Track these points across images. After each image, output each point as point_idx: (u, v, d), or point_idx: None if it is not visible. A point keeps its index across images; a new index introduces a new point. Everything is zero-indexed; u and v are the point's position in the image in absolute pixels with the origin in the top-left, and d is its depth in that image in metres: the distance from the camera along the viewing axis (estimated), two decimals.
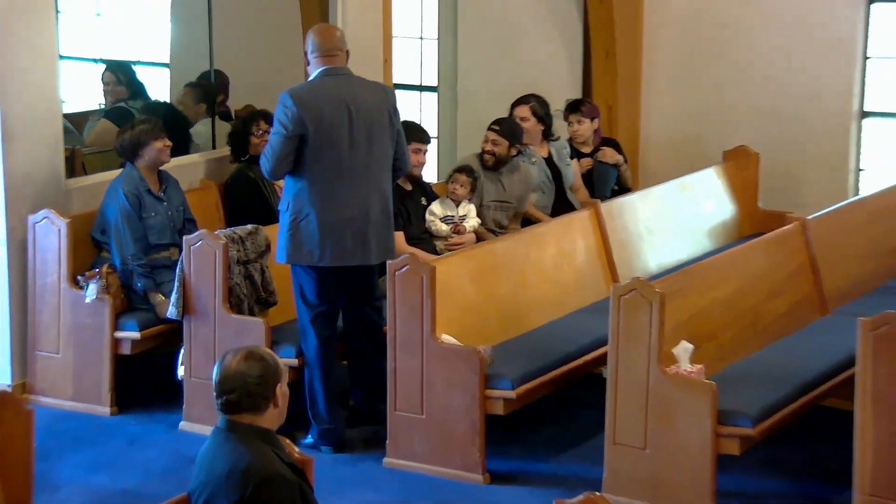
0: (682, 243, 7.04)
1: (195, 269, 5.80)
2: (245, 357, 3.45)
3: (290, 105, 5.39)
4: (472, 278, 5.80)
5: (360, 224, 5.50)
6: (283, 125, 5.41)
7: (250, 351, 3.48)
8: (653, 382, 5.00)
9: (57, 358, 6.14)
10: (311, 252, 5.47)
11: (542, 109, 7.05)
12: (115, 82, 7.46)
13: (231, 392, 3.42)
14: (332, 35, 5.53)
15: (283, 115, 5.41)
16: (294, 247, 5.49)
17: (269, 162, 5.46)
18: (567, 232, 6.41)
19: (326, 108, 5.43)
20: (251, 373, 3.43)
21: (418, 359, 5.41)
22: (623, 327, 5.03)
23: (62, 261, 6.04)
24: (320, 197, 5.45)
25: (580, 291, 6.30)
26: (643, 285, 5.03)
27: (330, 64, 5.48)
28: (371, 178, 5.54)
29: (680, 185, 7.26)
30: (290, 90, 5.46)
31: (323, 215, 5.45)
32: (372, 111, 5.52)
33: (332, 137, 5.44)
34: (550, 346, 5.71)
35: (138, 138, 6.09)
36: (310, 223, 5.45)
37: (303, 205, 5.46)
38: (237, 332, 5.72)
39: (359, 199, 5.50)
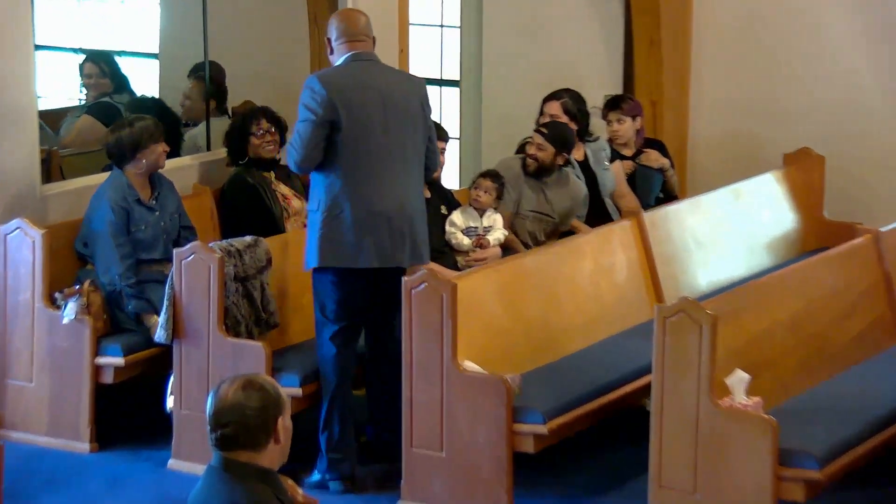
0: (737, 258, 7.02)
1: (187, 287, 5.82)
2: (243, 386, 3.45)
3: (319, 88, 5.49)
4: (498, 297, 5.80)
5: (399, 220, 5.59)
6: (311, 111, 5.50)
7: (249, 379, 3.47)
8: (703, 417, 4.98)
9: (30, 387, 6.16)
10: (347, 251, 5.53)
11: (575, 106, 7.05)
12: (99, 74, 7.51)
13: (227, 426, 3.42)
14: (358, 20, 5.68)
15: (312, 99, 5.50)
16: (328, 247, 5.53)
17: (297, 152, 5.52)
18: (606, 245, 6.40)
19: (358, 92, 5.55)
20: (249, 404, 3.43)
21: (437, 388, 5.42)
22: (669, 353, 5.02)
23: (37, 276, 6.06)
24: (356, 188, 5.52)
25: (620, 312, 6.29)
26: (692, 306, 5.02)
27: (357, 49, 5.61)
28: (407, 171, 5.65)
29: (734, 192, 7.25)
30: (317, 74, 5.62)
31: (360, 209, 5.52)
32: (406, 100, 5.66)
33: (367, 123, 5.54)
34: (587, 374, 5.71)
35: (139, 138, 6.09)
36: (345, 219, 5.51)
37: (336, 198, 5.52)
38: (234, 357, 5.74)
39: (396, 192, 5.60)
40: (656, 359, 5.06)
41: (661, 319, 5.04)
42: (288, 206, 6.69)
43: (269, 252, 6.01)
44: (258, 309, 5.95)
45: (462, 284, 5.49)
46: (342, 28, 5.64)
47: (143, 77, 8.08)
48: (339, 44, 5.64)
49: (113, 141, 6.14)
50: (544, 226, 6.77)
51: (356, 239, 5.52)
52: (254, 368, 5.64)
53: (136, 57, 8.22)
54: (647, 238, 6.56)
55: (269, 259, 6.01)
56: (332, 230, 5.53)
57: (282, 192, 6.70)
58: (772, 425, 4.92)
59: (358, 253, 5.54)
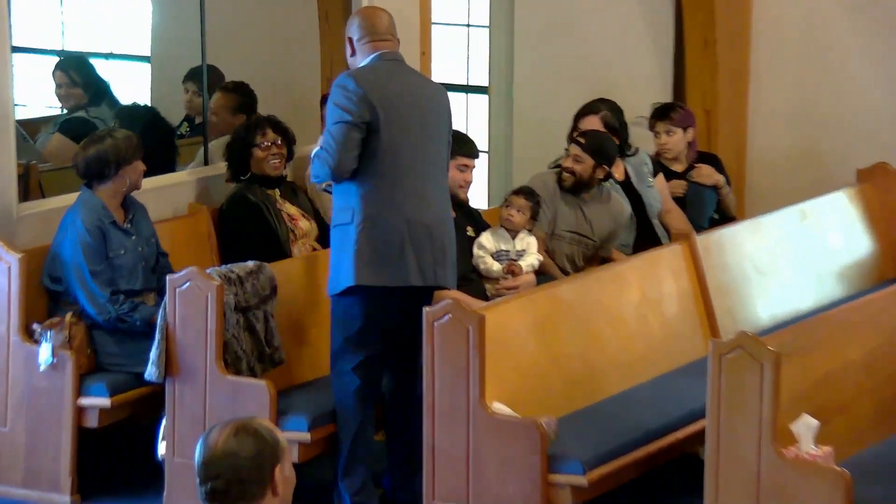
0: (804, 288, 7.01)
1: (181, 318, 5.84)
2: (234, 432, 3.43)
3: (354, 87, 5.58)
4: (531, 330, 5.81)
5: (440, 234, 5.70)
6: (346, 110, 5.57)
7: (241, 424, 3.46)
8: (765, 468, 4.97)
9: (3, 432, 6.17)
10: (389, 267, 5.59)
11: (615, 119, 7.08)
12: (69, 84, 7.51)
13: (217, 478, 3.40)
14: (383, 18, 5.81)
15: (345, 98, 5.58)
16: (366, 263, 5.58)
17: (332, 157, 5.58)
18: (653, 272, 6.40)
19: (395, 91, 5.67)
20: (242, 453, 3.41)
21: (463, 433, 5.42)
22: (726, 395, 5.01)
23: (12, 306, 6.07)
24: (397, 196, 5.61)
25: (670, 349, 6.29)
26: (752, 342, 5.01)
27: (383, 49, 5.73)
28: (442, 182, 5.80)
29: (800, 213, 7.24)
30: (349, 72, 5.71)
31: (402, 219, 5.60)
32: (438, 106, 5.81)
33: (405, 126, 5.65)
34: (632, 418, 5.70)
35: (122, 154, 6.10)
36: (387, 230, 5.59)
37: (376, 208, 5.59)
38: (234, 397, 5.75)
39: (435, 203, 5.72)
40: (711, 401, 5.04)
41: (717, 357, 5.02)
42: (295, 228, 6.72)
43: (273, 279, 6.03)
44: (261, 343, 5.97)
45: (491, 316, 5.49)
46: (366, 26, 5.75)
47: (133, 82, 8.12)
48: (362, 43, 5.74)
49: (93, 155, 6.10)
50: (583, 249, 6.77)
51: (399, 253, 5.60)
52: (256, 409, 5.65)
53: (125, 60, 8.28)
54: (700, 264, 6.55)
55: (274, 287, 6.03)
56: (372, 244, 5.58)
57: (288, 212, 6.72)
58: (844, 479, 4.89)
59: (401, 269, 5.61)
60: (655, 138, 7.46)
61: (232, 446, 3.41)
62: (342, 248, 5.64)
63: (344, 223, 5.65)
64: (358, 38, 5.76)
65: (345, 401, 5.73)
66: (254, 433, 3.43)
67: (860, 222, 7.50)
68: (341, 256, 5.64)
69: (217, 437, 3.42)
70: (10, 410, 6.15)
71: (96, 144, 6.13)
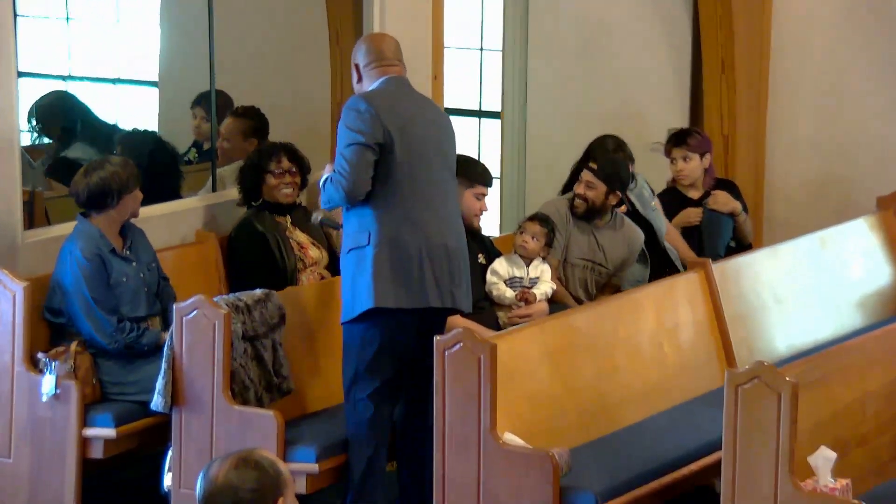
0: (823, 317, 6.99)
1: (188, 347, 5.83)
2: (235, 465, 3.43)
3: (366, 107, 5.63)
4: (544, 359, 5.79)
5: (457, 255, 5.74)
6: (358, 132, 5.61)
7: (243, 457, 3.46)
8: (782, 501, 4.93)
9: (7, 463, 6.17)
10: (408, 289, 5.60)
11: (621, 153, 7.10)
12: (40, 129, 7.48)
13: None
14: (390, 44, 5.87)
15: (357, 120, 5.62)
16: (385, 285, 5.59)
17: (346, 180, 5.60)
18: (668, 300, 6.39)
19: (406, 112, 5.72)
20: (244, 486, 3.41)
21: (473, 464, 5.40)
22: (742, 427, 4.99)
23: (17, 336, 6.07)
24: (414, 216, 5.65)
25: (685, 379, 6.27)
26: (769, 372, 4.99)
27: (391, 73, 5.79)
28: (455, 204, 5.85)
29: (819, 241, 7.23)
30: (360, 94, 5.75)
31: (420, 238, 5.63)
32: (444, 130, 5.88)
33: (419, 146, 5.70)
34: (646, 449, 5.69)
35: (123, 182, 6.09)
36: (406, 250, 5.60)
37: (394, 228, 5.61)
38: (241, 427, 5.74)
39: (451, 224, 5.77)
40: (727, 433, 5.01)
41: (733, 387, 5.00)
42: (304, 257, 6.71)
43: (282, 308, 6.03)
44: (269, 372, 5.96)
45: (503, 345, 5.48)
46: (373, 51, 5.80)
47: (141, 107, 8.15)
48: (369, 69, 5.79)
49: (94, 184, 6.08)
50: (596, 276, 6.77)
51: (419, 273, 5.63)
52: (264, 439, 5.65)
53: (132, 85, 8.30)
54: (716, 293, 6.54)
55: (283, 315, 6.02)
56: (391, 265, 5.60)
57: (298, 241, 6.72)
58: None
59: (421, 290, 5.64)
60: (672, 164, 7.46)
61: (233, 479, 3.40)
62: (358, 271, 5.64)
63: (359, 246, 5.65)
64: (364, 64, 5.80)
65: (359, 429, 5.74)
66: (255, 466, 3.42)
67: (880, 250, 7.48)
68: (358, 280, 5.64)
69: (218, 469, 3.42)
70: (14, 441, 6.14)
71: (96, 173, 6.11)
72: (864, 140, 8.16)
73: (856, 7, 8.11)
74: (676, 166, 7.43)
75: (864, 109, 8.15)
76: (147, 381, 5.97)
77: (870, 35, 8.09)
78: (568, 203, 6.82)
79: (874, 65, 8.10)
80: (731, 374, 5.05)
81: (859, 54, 8.13)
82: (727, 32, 8.19)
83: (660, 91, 8.55)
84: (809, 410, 5.10)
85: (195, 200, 7.20)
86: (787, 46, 8.28)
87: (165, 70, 8.39)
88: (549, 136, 8.73)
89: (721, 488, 5.10)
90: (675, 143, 7.45)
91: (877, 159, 8.11)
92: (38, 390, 6.01)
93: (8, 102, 6.27)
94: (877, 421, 5.51)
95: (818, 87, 8.27)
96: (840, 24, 8.18)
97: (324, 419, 6.05)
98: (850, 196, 8.04)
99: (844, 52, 8.17)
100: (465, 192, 6.36)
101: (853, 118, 8.19)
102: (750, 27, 8.23)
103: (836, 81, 8.21)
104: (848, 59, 8.17)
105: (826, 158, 8.28)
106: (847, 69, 8.17)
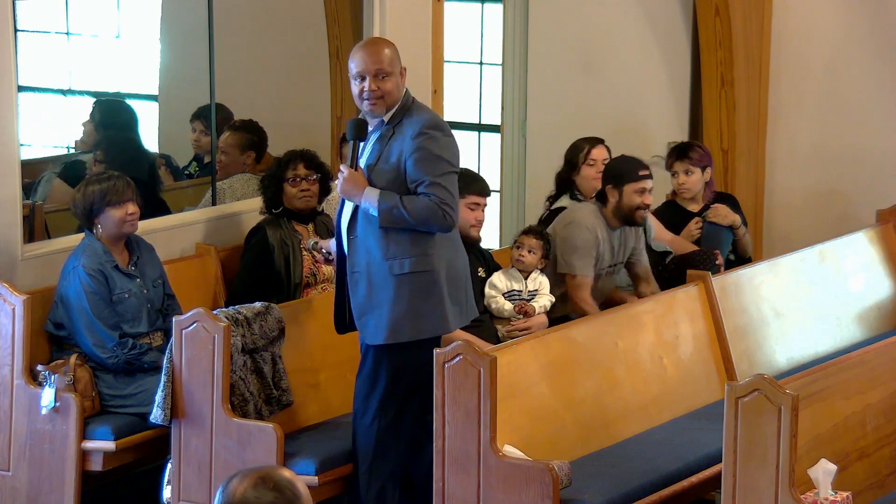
0: (822, 330, 6.99)
1: (188, 360, 5.84)
2: (255, 483, 3.41)
3: (449, 132, 5.67)
4: (543, 373, 5.80)
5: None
6: (450, 160, 5.62)
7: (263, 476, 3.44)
8: None
9: (7, 476, 6.17)
10: (439, 318, 5.63)
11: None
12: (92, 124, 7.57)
13: None
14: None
15: (448, 146, 5.63)
16: (420, 317, 5.59)
17: (452, 211, 5.61)
18: (668, 314, 6.39)
19: None
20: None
21: (473, 477, 5.40)
22: (742, 440, 4.99)
23: (17, 349, 6.08)
24: (445, 245, 5.67)
25: (685, 392, 6.27)
26: (769, 385, 4.99)
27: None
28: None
29: (819, 254, 7.23)
30: (436, 117, 5.74)
31: (448, 268, 5.66)
32: None
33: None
34: (646, 462, 5.68)
35: (109, 197, 6.10)
36: (438, 282, 5.62)
37: (431, 259, 5.61)
38: (240, 440, 5.75)
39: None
40: (727, 446, 5.02)
41: (733, 400, 5.00)
42: (317, 272, 6.71)
43: (281, 321, 6.03)
44: (269, 385, 5.96)
45: (502, 358, 5.49)
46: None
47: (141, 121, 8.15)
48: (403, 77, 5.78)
49: (79, 200, 6.15)
50: (614, 277, 6.84)
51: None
52: (263, 452, 5.65)
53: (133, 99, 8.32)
54: (716, 306, 6.55)
55: (282, 329, 6.03)
56: (427, 296, 5.60)
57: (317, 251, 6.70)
58: None
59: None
60: (673, 178, 7.47)
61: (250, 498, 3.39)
62: (424, 294, 5.59)
63: (423, 269, 5.60)
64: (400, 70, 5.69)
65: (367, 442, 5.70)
66: (274, 487, 3.40)
67: (880, 264, 7.49)
68: (425, 303, 5.59)
69: (237, 486, 3.40)
70: (13, 454, 6.14)
71: (84, 189, 6.16)
72: (863, 154, 8.17)
73: (855, 22, 8.13)
74: (678, 179, 7.45)
75: (863, 123, 8.16)
76: (146, 394, 5.98)
77: (868, 49, 8.11)
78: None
79: (873, 79, 8.11)
80: (731, 387, 5.05)
81: (858, 69, 8.14)
82: (726, 47, 8.21)
83: (659, 105, 8.56)
84: (810, 423, 5.10)
85: (195, 214, 7.21)
86: (786, 61, 8.30)
87: (165, 84, 8.41)
88: (548, 149, 8.73)
89: (721, 501, 5.10)
90: (677, 156, 7.47)
91: (876, 173, 8.11)
92: (38, 403, 6.02)
93: (8, 116, 6.29)
94: (877, 434, 5.51)
95: (817, 102, 8.29)
96: (839, 39, 8.19)
97: (323, 432, 6.04)
98: (850, 209, 8.04)
99: (843, 67, 8.18)
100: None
101: (852, 132, 8.20)
102: (749, 42, 8.25)
103: (834, 96, 8.22)
104: (847, 73, 8.18)
105: (825, 172, 8.28)
106: (846, 83, 8.18)
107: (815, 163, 8.31)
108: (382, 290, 5.59)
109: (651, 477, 5.58)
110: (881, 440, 5.52)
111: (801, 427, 4.97)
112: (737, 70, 8.23)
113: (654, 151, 7.52)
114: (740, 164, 8.32)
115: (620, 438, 5.92)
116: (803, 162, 8.34)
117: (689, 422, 6.11)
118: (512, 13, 9.03)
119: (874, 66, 8.09)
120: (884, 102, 8.09)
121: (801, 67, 8.28)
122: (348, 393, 6.11)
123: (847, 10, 8.14)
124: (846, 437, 5.36)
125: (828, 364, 5.62)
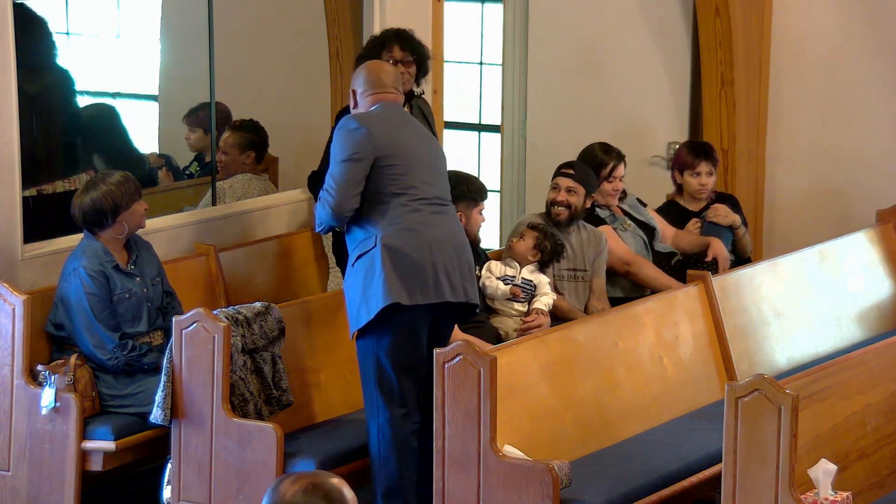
0: (822, 331, 7.00)
1: (187, 360, 5.84)
2: (305, 489, 3.39)
3: (356, 125, 5.70)
4: (544, 373, 5.80)
5: (464, 253, 5.76)
6: (349, 149, 5.67)
7: (315, 483, 3.42)
8: None
9: (6, 476, 6.17)
10: (421, 282, 5.60)
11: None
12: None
13: None
14: (389, 72, 5.94)
15: (348, 138, 5.69)
16: (396, 283, 5.57)
17: (332, 197, 5.64)
18: (668, 314, 6.39)
19: (401, 128, 5.79)
20: None
21: (473, 477, 5.40)
22: (742, 440, 4.99)
23: (17, 349, 6.08)
24: (417, 218, 5.68)
25: (685, 392, 6.27)
26: (769, 385, 4.99)
27: (387, 100, 5.84)
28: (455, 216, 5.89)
29: (819, 254, 7.23)
30: (351, 115, 5.83)
31: (426, 238, 5.65)
32: (437, 147, 5.96)
33: (417, 157, 5.76)
34: (646, 462, 5.68)
35: (118, 200, 6.10)
36: (415, 245, 5.61)
37: (399, 229, 5.63)
38: (240, 440, 5.75)
39: (456, 229, 5.82)
40: (727, 446, 5.02)
41: (733, 400, 5.00)
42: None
43: (281, 321, 6.03)
44: (269, 385, 5.96)
45: (502, 358, 5.49)
46: (371, 80, 5.85)
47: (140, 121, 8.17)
48: (365, 96, 5.85)
49: (87, 204, 6.09)
50: (581, 283, 6.84)
51: (432, 270, 5.64)
52: (263, 452, 5.65)
53: (132, 99, 8.32)
54: (716, 306, 6.55)
55: (282, 329, 6.03)
56: (402, 263, 5.60)
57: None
58: None
59: (435, 285, 5.64)
60: (695, 178, 7.43)
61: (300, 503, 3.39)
62: (369, 274, 5.62)
63: (367, 250, 5.64)
64: (361, 92, 5.85)
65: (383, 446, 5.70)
66: (324, 495, 3.37)
67: (880, 264, 7.49)
68: (369, 283, 5.61)
69: (288, 488, 3.38)
70: (13, 454, 6.14)
71: (91, 192, 6.12)
72: (863, 154, 8.17)
73: (854, 22, 8.13)
74: (701, 180, 7.42)
75: (862, 123, 8.16)
76: (146, 395, 5.98)
77: (868, 50, 8.11)
78: (544, 217, 6.88)
79: (873, 79, 8.11)
80: (731, 387, 5.06)
81: (858, 69, 8.14)
82: (726, 47, 8.21)
83: (659, 105, 8.56)
84: (810, 423, 5.10)
85: (195, 213, 7.21)
86: (786, 61, 8.30)
87: (165, 84, 8.41)
88: (548, 149, 8.74)
89: (721, 501, 5.10)
90: (703, 156, 7.44)
91: (876, 173, 8.11)
92: (38, 403, 6.02)
93: (8, 116, 6.29)
94: (877, 434, 5.51)
95: (817, 102, 8.29)
96: (839, 40, 8.19)
97: (323, 432, 6.05)
98: (850, 209, 8.04)
99: (843, 67, 8.18)
100: (471, 212, 6.44)
101: (852, 132, 8.20)
102: (749, 42, 8.25)
103: (834, 96, 8.22)
104: (847, 73, 8.18)
105: (825, 172, 8.28)
106: (846, 84, 8.18)
107: (815, 163, 8.31)
108: (351, 279, 5.72)
109: (651, 477, 5.59)
110: (881, 440, 5.52)
111: (801, 427, 4.97)
112: (737, 70, 8.23)
113: (655, 151, 7.52)
114: (740, 164, 8.32)
115: (620, 438, 5.92)
116: (803, 162, 8.34)
117: (689, 422, 6.11)
118: (512, 13, 9.03)
119: (874, 67, 8.09)
120: (884, 102, 8.10)
121: (801, 67, 8.28)
122: (348, 393, 6.13)
123: (847, 10, 8.14)
124: (846, 437, 5.36)
125: (828, 364, 5.62)
